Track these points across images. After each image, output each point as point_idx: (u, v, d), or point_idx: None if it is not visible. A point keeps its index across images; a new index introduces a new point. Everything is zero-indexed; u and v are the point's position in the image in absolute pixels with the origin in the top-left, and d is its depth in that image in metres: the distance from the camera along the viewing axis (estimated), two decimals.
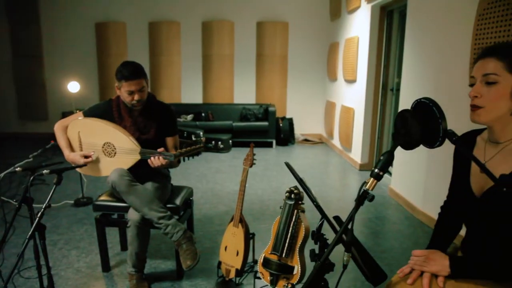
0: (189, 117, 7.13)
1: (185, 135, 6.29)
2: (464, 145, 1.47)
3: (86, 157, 2.41)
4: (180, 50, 7.53)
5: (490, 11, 2.74)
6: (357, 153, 5.66)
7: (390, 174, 4.68)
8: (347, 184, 5.09)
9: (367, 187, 1.09)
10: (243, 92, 7.75)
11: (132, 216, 2.29)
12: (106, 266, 2.69)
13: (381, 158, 1.09)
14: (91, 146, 2.45)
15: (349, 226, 1.13)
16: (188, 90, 7.70)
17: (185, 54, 7.57)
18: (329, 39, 7.39)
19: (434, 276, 1.30)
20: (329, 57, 7.25)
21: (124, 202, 2.38)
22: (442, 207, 1.60)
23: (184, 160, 2.49)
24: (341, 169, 5.75)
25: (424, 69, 3.71)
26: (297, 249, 2.13)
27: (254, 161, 2.51)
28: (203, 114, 7.14)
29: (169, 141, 2.59)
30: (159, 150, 2.30)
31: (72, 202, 4.00)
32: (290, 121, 7.48)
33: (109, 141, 2.40)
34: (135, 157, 2.35)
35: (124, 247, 3.00)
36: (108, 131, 2.40)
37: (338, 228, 1.50)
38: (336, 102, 6.77)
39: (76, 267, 2.74)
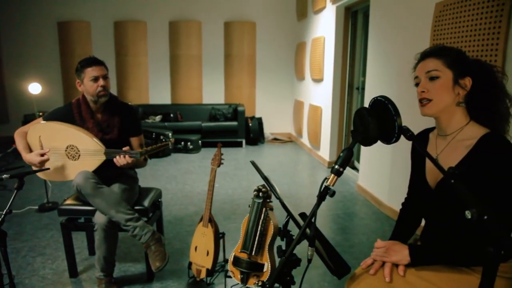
0: (158, 118, 7.05)
1: (153, 136, 6.22)
2: (419, 142, 1.56)
3: (42, 155, 2.35)
4: (147, 51, 7.42)
5: (446, 13, 2.87)
6: (325, 151, 5.76)
7: (357, 171, 4.79)
8: (316, 182, 5.17)
9: (328, 183, 1.12)
10: (212, 92, 7.73)
11: (99, 219, 2.26)
12: (73, 272, 2.63)
13: (341, 154, 1.14)
14: (53, 150, 2.39)
15: (312, 221, 1.17)
16: (156, 91, 7.60)
17: (152, 55, 7.47)
18: (296, 39, 7.48)
19: (395, 265, 1.36)
20: (297, 57, 7.35)
21: (91, 205, 2.33)
22: (403, 204, 1.68)
23: (150, 158, 2.47)
24: (310, 167, 5.84)
25: (387, 68, 3.83)
26: (267, 247, 2.15)
27: (222, 161, 2.53)
28: (171, 115, 7.07)
29: (134, 141, 2.57)
30: (124, 149, 2.28)
31: (37, 207, 3.87)
32: (260, 121, 7.53)
33: (72, 143, 2.34)
34: (100, 158, 2.32)
35: (92, 252, 2.93)
36: (70, 133, 2.35)
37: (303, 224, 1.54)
38: (304, 101, 6.87)
39: (41, 274, 2.67)
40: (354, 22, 5.29)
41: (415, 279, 1.32)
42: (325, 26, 5.70)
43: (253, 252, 2.15)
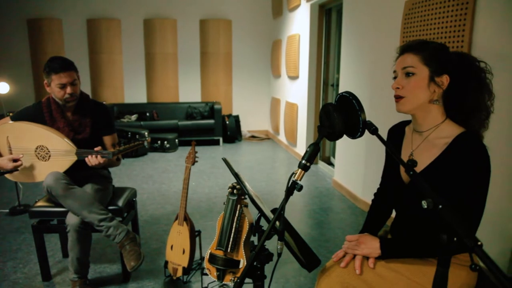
0: (133, 117, 6.96)
1: (129, 135, 6.14)
2: (393, 135, 1.60)
3: (15, 160, 2.29)
4: (122, 49, 7.30)
5: (415, 11, 2.94)
6: (302, 148, 5.82)
7: (334, 166, 4.86)
8: None
9: (295, 177, 1.14)
10: (188, 91, 7.68)
11: (71, 220, 2.22)
12: (46, 275, 2.57)
13: (307, 150, 1.16)
14: (22, 151, 2.33)
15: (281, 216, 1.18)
16: (131, 90, 7.50)
17: (127, 53, 7.35)
18: (272, 36, 7.51)
19: (366, 258, 1.39)
20: (273, 54, 7.38)
21: (63, 206, 2.29)
22: (375, 194, 1.70)
23: (123, 158, 2.44)
24: (287, 164, 5.88)
25: (360, 65, 3.89)
26: (242, 243, 2.16)
27: (196, 159, 2.52)
28: (147, 114, 6.99)
29: (107, 140, 2.53)
30: (96, 149, 2.25)
31: (7, 211, 3.77)
32: (237, 118, 7.53)
33: (41, 144, 2.29)
34: (71, 159, 2.28)
35: (66, 254, 2.88)
36: (40, 133, 2.30)
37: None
38: (281, 99, 6.91)
39: (12, 279, 2.60)
40: (328, 20, 5.35)
41: (385, 271, 1.35)
42: (300, 24, 5.74)
43: (229, 249, 2.15)
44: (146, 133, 6.25)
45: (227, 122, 7.25)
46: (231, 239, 2.17)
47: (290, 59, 6.17)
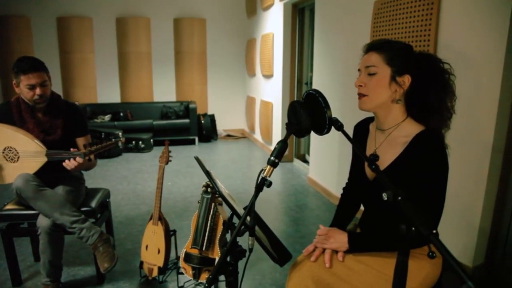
0: (107, 117, 6.85)
1: (102, 136, 6.04)
2: (358, 132, 1.64)
3: None
4: (94, 48, 7.16)
5: (383, 10, 3.02)
6: None
7: (308, 164, 4.92)
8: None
9: (264, 174, 1.17)
10: (163, 90, 7.61)
11: (42, 222, 2.18)
12: (17, 280, 2.51)
13: (276, 146, 1.18)
14: None
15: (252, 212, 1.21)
16: (104, 89, 7.36)
17: (99, 52, 7.22)
18: (246, 35, 7.53)
19: (335, 252, 1.43)
20: (247, 53, 7.40)
21: (34, 209, 2.24)
22: (343, 189, 1.75)
23: (95, 158, 2.41)
24: (263, 162, 5.91)
25: (332, 63, 3.96)
26: (217, 241, 2.18)
27: (170, 158, 2.52)
28: (121, 114, 6.89)
29: (80, 141, 2.49)
30: (72, 150, 2.21)
31: None
32: (212, 118, 7.52)
33: (9, 145, 2.24)
34: (41, 160, 2.23)
35: (37, 257, 2.82)
36: (8, 134, 2.24)
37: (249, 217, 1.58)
38: (256, 97, 6.94)
39: None
40: (302, 19, 5.41)
41: (354, 263, 1.39)
42: (273, 23, 5.78)
43: (204, 247, 2.17)
44: (120, 134, 6.16)
45: (203, 122, 7.23)
46: (206, 238, 2.18)
47: (264, 58, 6.21)
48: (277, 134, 5.83)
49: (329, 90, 3.96)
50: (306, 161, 5.33)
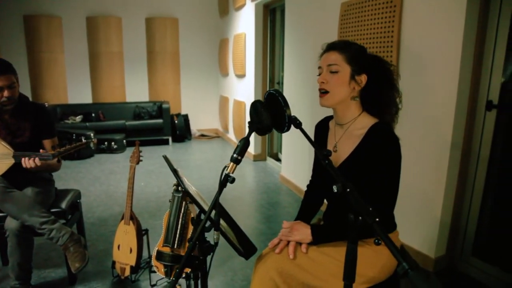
0: (78, 118, 6.73)
1: (74, 137, 5.95)
2: (319, 130, 1.72)
3: None
4: (64, 47, 7.02)
5: (349, 12, 3.12)
6: (250, 145, 5.92)
7: (281, 162, 5.00)
8: (242, 175, 5.30)
9: (228, 170, 1.22)
10: (136, 90, 7.54)
11: (10, 224, 2.16)
12: None
13: (238, 144, 1.24)
14: None
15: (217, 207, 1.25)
16: (75, 90, 7.23)
17: (69, 52, 7.07)
18: (219, 35, 7.55)
19: (300, 244, 1.50)
20: (220, 53, 7.43)
21: (1, 211, 2.22)
22: (307, 185, 1.83)
23: (64, 159, 2.40)
24: None
25: (302, 62, 4.05)
26: (188, 239, 2.22)
27: (141, 158, 2.54)
28: (93, 115, 6.80)
29: (47, 143, 2.46)
30: (41, 151, 2.20)
31: None
32: (186, 118, 7.51)
33: None
34: (8, 162, 2.21)
35: (6, 261, 2.77)
36: None
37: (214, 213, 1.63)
38: (229, 97, 6.98)
39: None
40: (273, 19, 5.49)
41: (317, 254, 1.46)
42: (245, 23, 5.84)
43: (175, 245, 2.20)
44: (92, 134, 6.08)
45: (176, 121, 7.21)
46: (177, 236, 2.22)
47: (237, 57, 6.25)
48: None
49: (300, 89, 4.05)
50: (279, 160, 5.42)
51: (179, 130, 7.22)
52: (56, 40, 6.91)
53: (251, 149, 5.91)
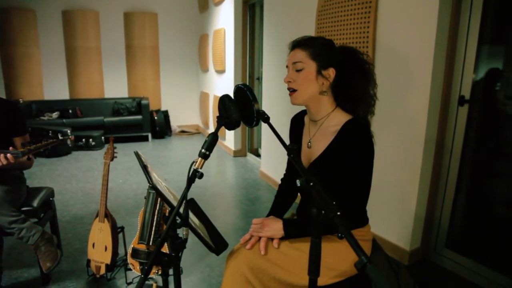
0: (55, 114, 6.59)
1: (50, 134, 5.81)
2: (295, 124, 1.72)
3: None
4: (39, 42, 6.83)
5: (326, 8, 3.13)
6: (230, 141, 5.91)
7: (260, 157, 5.00)
8: (222, 171, 5.29)
9: (196, 166, 1.20)
10: (114, 86, 7.42)
11: None
12: None
13: (207, 139, 1.22)
14: None
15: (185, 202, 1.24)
16: (51, 86, 7.06)
17: (45, 46, 6.89)
18: (199, 30, 7.49)
19: (271, 239, 1.49)
20: (200, 49, 7.37)
21: None
22: (282, 179, 1.82)
23: (35, 157, 2.34)
24: (217, 157, 5.94)
25: (282, 58, 4.04)
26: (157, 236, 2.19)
27: (116, 155, 2.50)
28: (70, 111, 6.65)
29: (18, 141, 2.39)
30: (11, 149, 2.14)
31: None
32: (166, 114, 7.44)
33: None
34: None
35: None
36: None
37: (192, 209, 1.61)
38: (209, 92, 6.94)
39: None
40: (252, 15, 5.47)
41: (288, 249, 1.46)
42: (225, 18, 5.80)
43: (151, 242, 2.17)
44: (69, 131, 5.95)
45: (156, 118, 7.14)
46: (152, 232, 2.19)
47: (216, 53, 6.21)
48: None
49: (279, 84, 4.05)
50: (259, 155, 5.41)
51: (159, 126, 7.14)
52: (31, 35, 6.72)
53: (231, 145, 5.89)
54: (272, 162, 4.48)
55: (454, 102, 2.49)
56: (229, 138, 5.98)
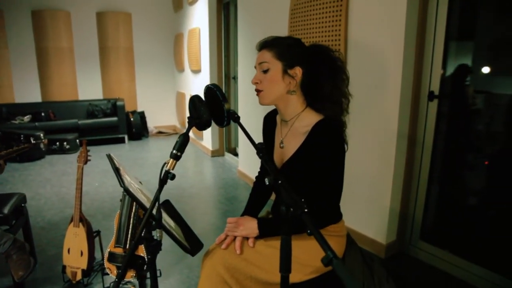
0: (26, 118, 6.41)
1: (22, 138, 5.65)
2: (268, 123, 1.72)
3: None
4: (7, 43, 6.61)
5: (298, 7, 3.15)
6: (208, 141, 5.89)
7: (237, 156, 5.00)
8: (200, 171, 5.27)
9: (168, 167, 1.20)
10: (89, 88, 7.27)
11: None
12: None
13: (178, 140, 1.22)
14: None
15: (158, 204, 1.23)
16: (22, 88, 6.86)
17: (14, 47, 6.68)
18: (174, 30, 7.43)
19: (247, 239, 1.50)
20: (175, 48, 7.31)
21: None
22: (256, 178, 1.83)
23: (5, 163, 2.28)
24: (195, 157, 5.91)
25: (253, 58, 4.05)
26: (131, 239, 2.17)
27: (89, 158, 2.46)
28: (43, 114, 6.48)
29: None
30: None
31: None
32: (142, 115, 7.35)
33: None
34: None
35: None
36: None
37: (168, 210, 1.61)
38: (186, 92, 6.89)
39: None
40: (227, 14, 5.45)
41: (264, 248, 1.46)
42: (199, 18, 5.76)
43: (127, 245, 2.15)
44: (41, 135, 5.80)
45: (132, 119, 7.04)
46: (129, 236, 2.17)
47: (192, 53, 6.17)
48: (208, 129, 5.83)
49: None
50: (237, 154, 5.41)
51: (135, 127, 7.05)
52: None
53: (208, 145, 5.87)
54: (249, 161, 4.49)
55: (424, 97, 2.55)
56: (207, 138, 5.95)
